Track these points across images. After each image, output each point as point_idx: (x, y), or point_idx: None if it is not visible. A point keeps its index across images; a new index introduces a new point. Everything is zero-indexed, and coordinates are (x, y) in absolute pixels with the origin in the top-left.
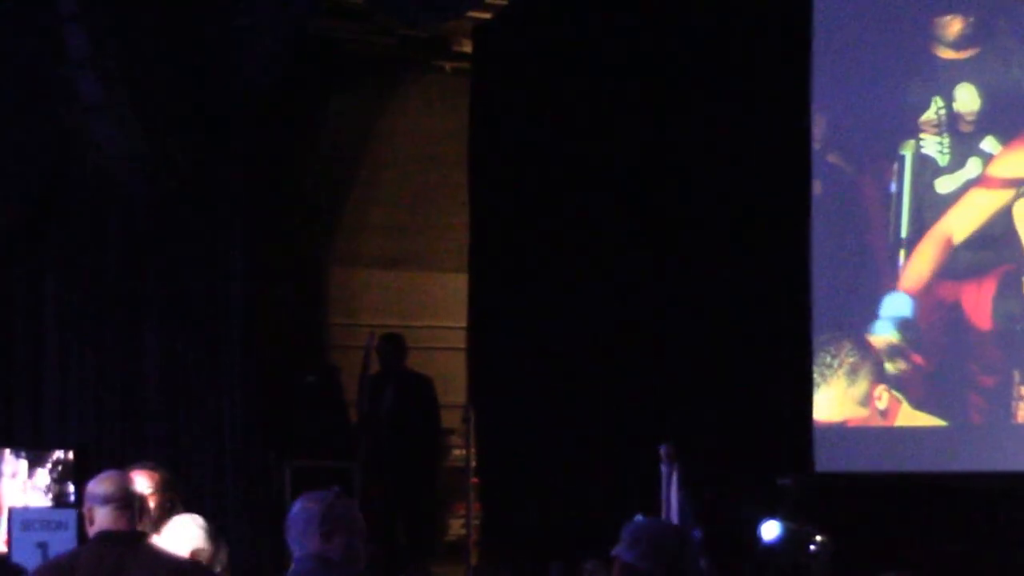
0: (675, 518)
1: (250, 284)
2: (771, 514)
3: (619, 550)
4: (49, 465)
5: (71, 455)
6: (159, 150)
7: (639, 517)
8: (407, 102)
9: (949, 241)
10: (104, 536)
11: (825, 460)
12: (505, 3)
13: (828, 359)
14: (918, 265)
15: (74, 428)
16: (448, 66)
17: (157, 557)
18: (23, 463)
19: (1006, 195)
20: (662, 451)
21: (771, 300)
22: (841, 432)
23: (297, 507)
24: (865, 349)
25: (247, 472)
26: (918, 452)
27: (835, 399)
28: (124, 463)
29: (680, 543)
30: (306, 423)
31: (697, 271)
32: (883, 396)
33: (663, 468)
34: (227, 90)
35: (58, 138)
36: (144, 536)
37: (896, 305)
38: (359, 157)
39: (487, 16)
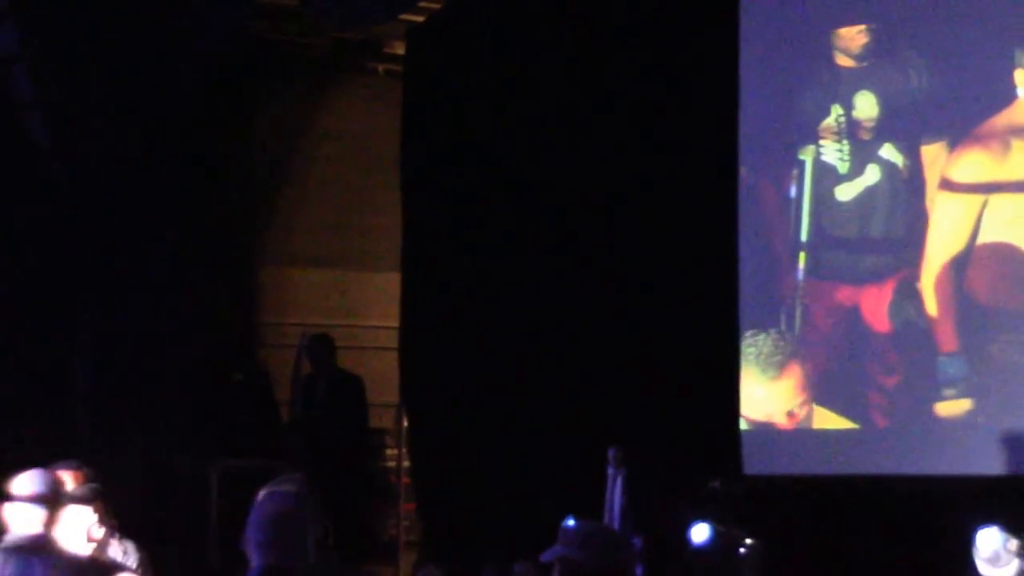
0: (616, 523)
1: (181, 283)
2: (701, 517)
3: (561, 549)
4: None
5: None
6: (93, 148)
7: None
8: (339, 103)
9: (850, 244)
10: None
11: (753, 463)
12: (437, 6)
13: (750, 361)
14: (819, 268)
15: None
16: (380, 68)
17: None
18: None
19: (906, 201)
20: (610, 454)
21: (698, 302)
22: (767, 435)
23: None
24: (777, 353)
25: (175, 470)
26: (839, 454)
27: (759, 401)
28: (50, 461)
29: (621, 544)
30: (235, 422)
31: (627, 272)
32: (799, 399)
33: (609, 471)
34: (162, 89)
35: None
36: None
37: (799, 309)
38: (292, 157)
39: (419, 19)
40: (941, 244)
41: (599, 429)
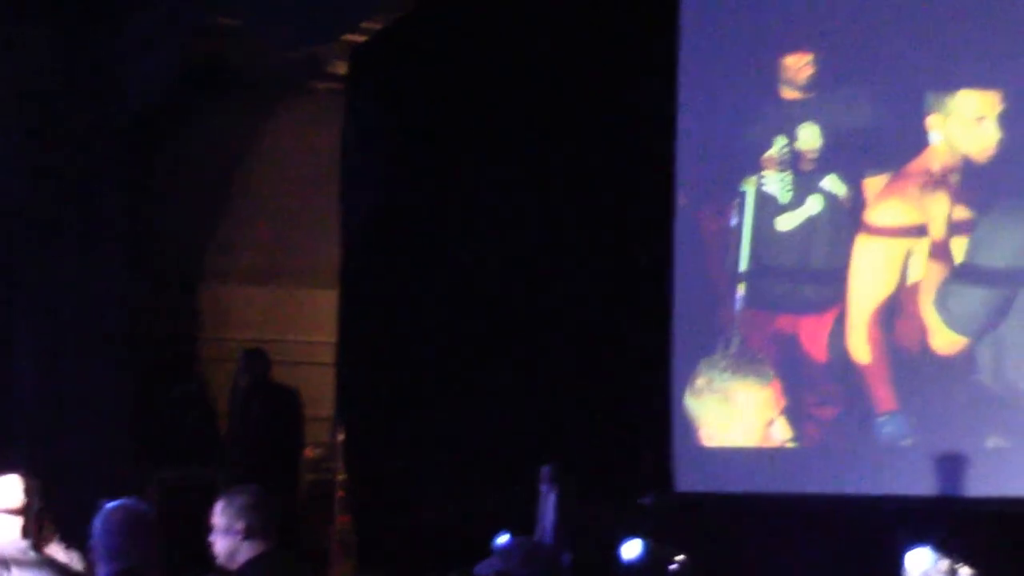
0: (549, 539)
1: (124, 297)
2: (632, 533)
3: (497, 564)
4: None
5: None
6: (41, 162)
7: (506, 535)
8: (281, 121)
9: (790, 274)
10: None
11: (685, 480)
12: (380, 26)
13: (686, 382)
14: (758, 298)
15: None
16: (322, 87)
17: None
18: None
19: (847, 232)
20: (543, 472)
21: (633, 325)
22: (700, 453)
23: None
24: (715, 374)
25: (116, 481)
26: (772, 473)
27: (695, 420)
28: None
29: (552, 559)
30: (175, 435)
31: (564, 293)
32: (735, 421)
33: (543, 488)
34: (105, 107)
35: None
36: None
37: (737, 338)
38: (233, 174)
39: (362, 39)
40: (863, 285)
41: (533, 446)
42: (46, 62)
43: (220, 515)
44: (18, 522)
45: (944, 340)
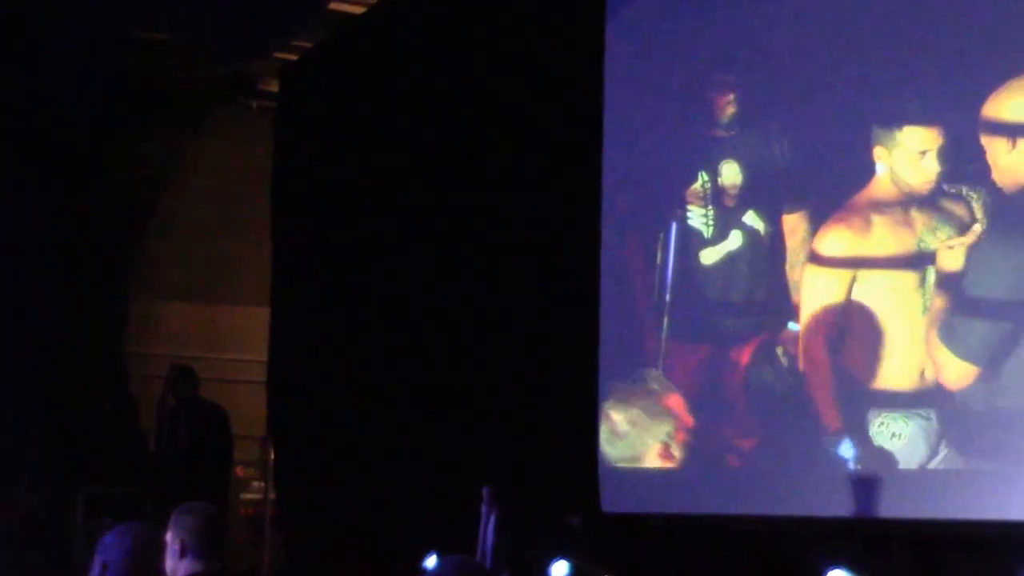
0: (488, 560)
1: (52, 311)
2: (560, 554)
3: None
4: None
5: None
6: None
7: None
8: (212, 137)
9: (712, 307)
10: None
11: (613, 501)
12: (311, 45)
13: (613, 404)
14: (681, 330)
15: None
16: (254, 104)
17: None
18: None
19: (768, 266)
20: (484, 493)
21: (561, 349)
22: (627, 474)
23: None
24: (642, 399)
25: (41, 496)
26: (697, 494)
27: (621, 442)
28: None
29: None
30: (101, 450)
31: (494, 317)
32: (662, 445)
33: (483, 509)
34: (36, 120)
35: None
36: None
37: (662, 370)
38: (162, 189)
39: (293, 57)
40: (811, 315)
41: (463, 466)
42: None
43: (168, 531)
44: None
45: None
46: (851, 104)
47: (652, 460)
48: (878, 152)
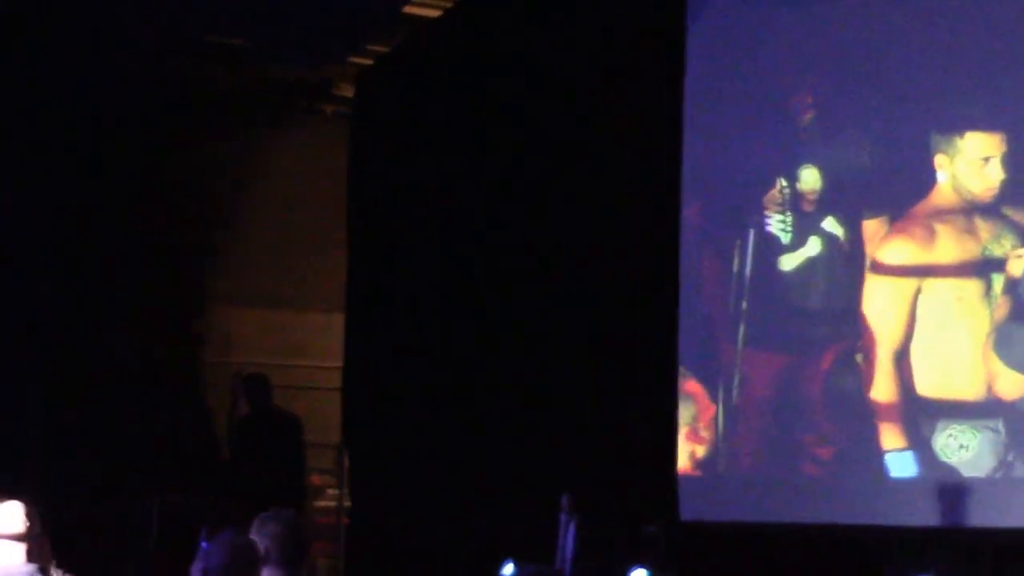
0: (568, 570)
1: (127, 321)
2: (638, 563)
3: None
4: None
5: None
6: (43, 186)
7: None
8: (288, 144)
9: (790, 315)
10: None
11: (691, 509)
12: (387, 49)
13: (692, 412)
14: (758, 338)
15: None
16: (329, 109)
17: None
18: None
19: (846, 273)
20: (563, 501)
21: (640, 356)
22: (706, 482)
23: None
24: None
25: (116, 506)
26: (778, 502)
27: (697, 451)
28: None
29: None
30: (176, 459)
31: (573, 317)
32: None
33: (562, 518)
34: (111, 129)
35: None
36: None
37: (738, 378)
38: (239, 197)
39: (369, 62)
40: (876, 326)
41: (540, 474)
42: (48, 83)
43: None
44: (22, 548)
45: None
46: (915, 110)
47: (730, 467)
48: (939, 160)
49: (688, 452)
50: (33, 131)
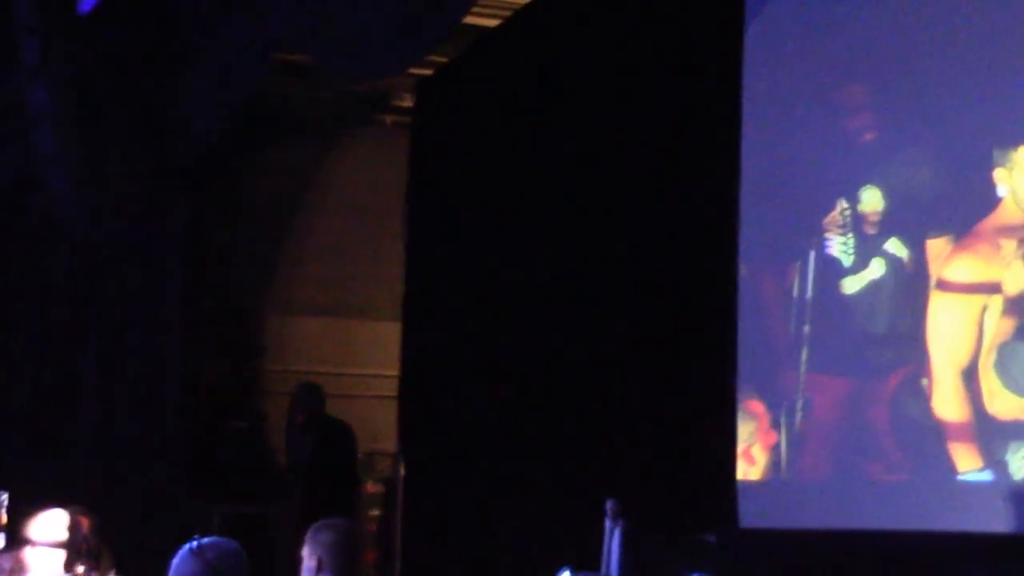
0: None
1: (186, 330)
2: (696, 571)
3: None
4: None
5: (6, 497)
6: (106, 197)
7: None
8: (346, 154)
9: (854, 339)
10: None
11: (749, 516)
12: (446, 59)
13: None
14: (821, 362)
15: (5, 467)
16: (388, 120)
17: None
18: None
19: (911, 295)
20: (608, 507)
21: (697, 360)
22: (763, 488)
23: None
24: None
25: (175, 516)
26: (841, 508)
27: (756, 458)
28: (53, 503)
29: None
30: (234, 468)
31: (630, 330)
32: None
33: (607, 524)
34: (175, 141)
35: (11, 178)
36: None
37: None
38: (297, 207)
39: (428, 72)
40: (943, 345)
41: (597, 481)
42: (107, 99)
43: (304, 547)
44: (61, 556)
45: (1006, 403)
46: (975, 123)
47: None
48: (999, 174)
49: (747, 469)
50: (95, 145)
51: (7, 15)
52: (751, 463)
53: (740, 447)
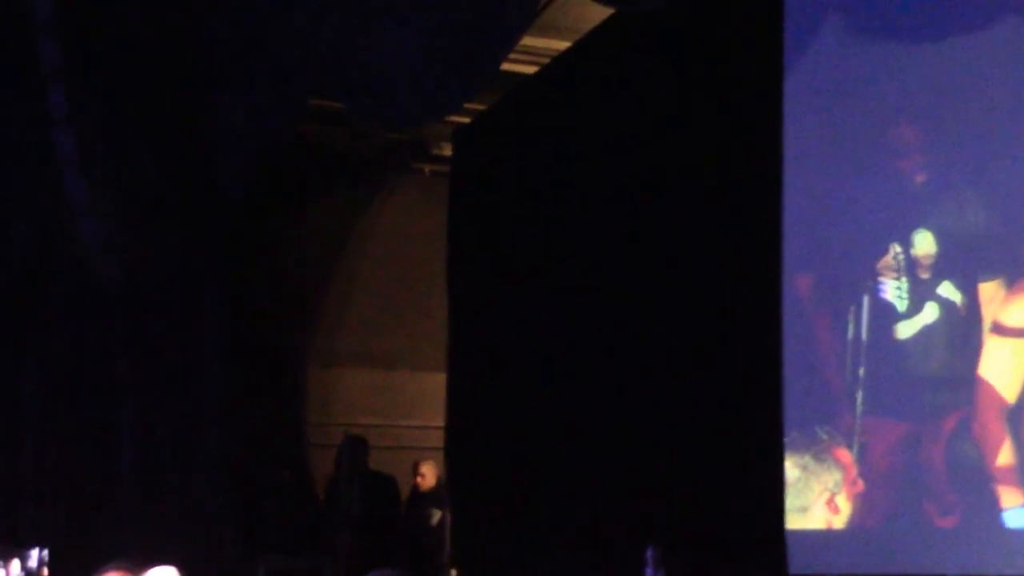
0: None
1: (227, 382)
2: None
3: None
4: (25, 562)
5: (46, 552)
6: (139, 246)
7: None
8: (387, 203)
9: (909, 383)
10: None
11: (798, 563)
12: (484, 107)
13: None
14: (877, 406)
15: (49, 521)
16: (427, 168)
17: None
18: None
19: (964, 339)
20: (648, 555)
21: (744, 404)
22: (813, 535)
23: None
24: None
25: (221, 569)
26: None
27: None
28: (99, 559)
29: None
30: (280, 520)
31: (674, 377)
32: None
33: (648, 572)
34: (209, 189)
35: (39, 229)
36: None
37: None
38: (338, 256)
39: (466, 120)
40: (997, 387)
41: (647, 530)
42: (142, 148)
43: None
44: None
45: None
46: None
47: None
48: None
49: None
50: (131, 194)
51: (34, 60)
52: (835, 512)
53: (824, 495)
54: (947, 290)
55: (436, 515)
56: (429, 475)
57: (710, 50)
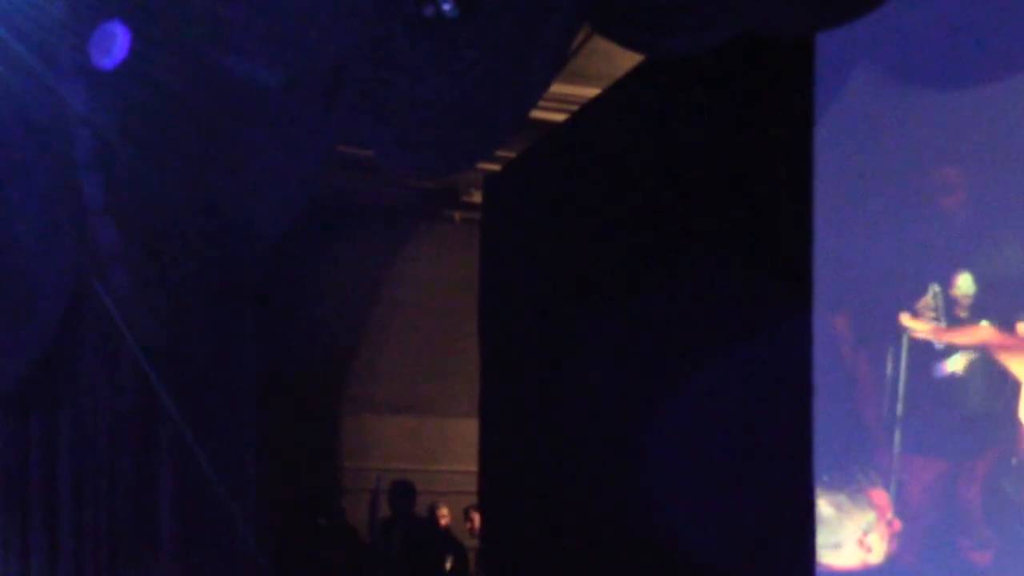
0: None
1: (263, 429)
2: None
3: None
4: None
5: None
6: (171, 296)
7: None
8: (418, 251)
9: (946, 421)
10: None
11: None
12: (514, 154)
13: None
14: (915, 444)
15: (86, 566)
16: (458, 216)
17: None
18: None
19: (1006, 377)
20: None
21: (775, 448)
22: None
23: None
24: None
25: None
26: None
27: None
28: None
29: None
30: (319, 566)
31: (709, 422)
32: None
33: None
34: (240, 238)
35: (72, 281)
36: None
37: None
38: (371, 304)
39: (496, 167)
40: None
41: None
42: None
43: None
44: None
45: None
46: None
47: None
48: None
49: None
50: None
51: (60, 106)
52: (867, 551)
53: (856, 535)
54: (986, 331)
55: (449, 560)
56: (445, 517)
57: (740, 94)
